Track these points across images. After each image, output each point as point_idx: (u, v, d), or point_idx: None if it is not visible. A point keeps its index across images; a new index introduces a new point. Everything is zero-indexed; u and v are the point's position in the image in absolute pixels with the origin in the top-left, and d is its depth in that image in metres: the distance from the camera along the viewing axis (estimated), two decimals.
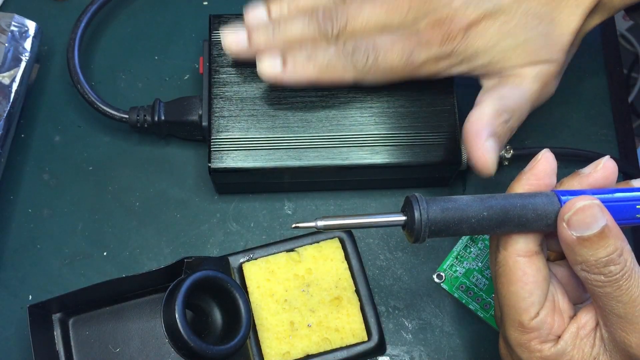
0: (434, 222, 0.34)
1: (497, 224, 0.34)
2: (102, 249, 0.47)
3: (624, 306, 0.33)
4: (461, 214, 0.34)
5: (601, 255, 0.33)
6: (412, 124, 0.45)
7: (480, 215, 0.34)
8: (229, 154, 0.44)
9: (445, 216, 0.34)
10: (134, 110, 0.47)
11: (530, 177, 0.36)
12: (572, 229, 0.33)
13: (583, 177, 0.37)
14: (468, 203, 0.34)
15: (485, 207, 0.34)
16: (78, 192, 0.48)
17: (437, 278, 0.46)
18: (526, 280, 0.35)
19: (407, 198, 0.35)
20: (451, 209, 0.34)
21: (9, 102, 0.46)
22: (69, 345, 0.42)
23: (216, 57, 0.46)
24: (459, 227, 0.34)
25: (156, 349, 0.42)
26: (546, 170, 0.36)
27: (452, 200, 0.35)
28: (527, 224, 0.34)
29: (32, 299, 0.45)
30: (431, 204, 0.34)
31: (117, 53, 0.52)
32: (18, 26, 0.48)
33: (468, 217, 0.34)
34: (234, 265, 0.44)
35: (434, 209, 0.34)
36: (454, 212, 0.34)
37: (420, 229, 0.34)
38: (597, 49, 0.53)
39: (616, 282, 0.33)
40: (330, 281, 0.44)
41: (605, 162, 0.37)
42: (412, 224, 0.34)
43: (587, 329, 0.35)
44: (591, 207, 0.33)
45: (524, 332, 0.36)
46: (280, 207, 0.48)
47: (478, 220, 0.34)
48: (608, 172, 0.36)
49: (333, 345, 0.42)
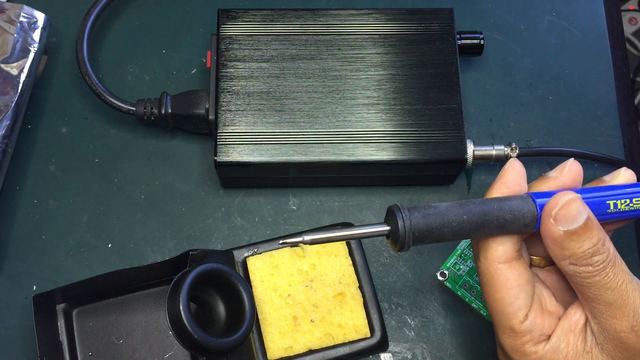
0: (416, 228, 0.35)
1: (477, 226, 0.35)
2: (107, 241, 0.47)
3: (612, 292, 0.34)
4: (442, 219, 0.35)
5: (587, 246, 0.34)
6: (418, 122, 0.45)
7: (460, 219, 0.35)
8: (235, 147, 0.44)
9: (427, 222, 0.35)
10: (141, 103, 0.47)
11: (501, 187, 0.37)
12: (559, 224, 0.35)
13: (550, 180, 0.38)
14: (448, 208, 0.36)
15: (465, 212, 0.35)
16: (84, 183, 0.48)
17: (441, 276, 0.46)
18: (510, 286, 0.36)
19: (389, 208, 0.36)
20: (432, 214, 0.35)
21: (16, 93, 0.47)
22: (72, 335, 0.42)
23: (224, 51, 0.46)
24: (441, 231, 0.35)
25: (159, 341, 0.42)
26: (515, 179, 0.38)
27: (432, 207, 0.36)
28: (505, 225, 0.36)
29: (37, 289, 0.45)
30: (413, 212, 0.35)
31: (125, 46, 0.52)
32: (27, 17, 0.48)
33: (449, 221, 0.35)
34: (238, 259, 0.44)
35: (415, 215, 0.35)
36: (435, 217, 0.35)
37: (404, 236, 0.35)
38: (605, 52, 0.53)
39: (603, 270, 0.34)
40: (334, 277, 0.44)
41: (570, 165, 0.38)
42: (396, 233, 0.35)
43: (579, 325, 0.36)
44: (575, 201, 0.35)
45: (516, 336, 0.36)
46: (285, 202, 0.48)
47: (459, 223, 0.35)
48: (574, 175, 0.38)
49: (336, 340, 0.42)
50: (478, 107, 0.51)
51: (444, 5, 0.49)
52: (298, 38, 0.47)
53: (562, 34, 0.53)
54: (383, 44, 0.47)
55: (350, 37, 0.47)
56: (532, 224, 0.36)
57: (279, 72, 0.46)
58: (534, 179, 0.49)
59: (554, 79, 0.52)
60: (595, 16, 0.54)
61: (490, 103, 0.51)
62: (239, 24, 0.47)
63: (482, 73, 0.52)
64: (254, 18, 0.47)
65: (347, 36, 0.47)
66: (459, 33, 0.49)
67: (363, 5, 0.53)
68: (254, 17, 0.47)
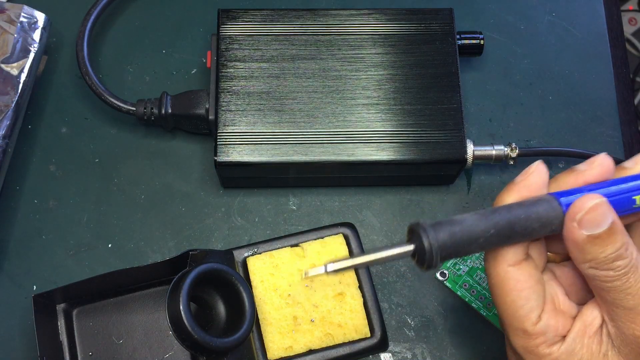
0: (444, 248, 0.33)
1: (505, 239, 0.34)
2: (107, 241, 0.47)
3: (632, 298, 0.33)
4: (469, 235, 0.33)
5: (610, 251, 0.33)
6: (418, 122, 0.45)
7: (487, 233, 0.34)
8: (235, 147, 0.44)
9: (454, 241, 0.33)
10: (141, 103, 0.47)
11: (522, 189, 0.36)
12: (583, 228, 0.33)
13: (579, 175, 0.36)
14: (474, 223, 0.34)
15: (492, 225, 0.34)
16: (84, 183, 0.48)
17: (441, 276, 0.47)
18: (520, 288, 0.35)
19: (411, 227, 0.34)
20: (458, 232, 0.33)
21: (17, 93, 0.47)
22: (72, 335, 0.42)
23: (224, 51, 0.46)
24: (469, 248, 0.34)
25: (159, 341, 0.42)
26: (538, 183, 0.36)
27: (457, 223, 0.34)
28: (532, 233, 0.34)
29: (37, 289, 0.45)
30: (438, 231, 0.33)
31: (125, 46, 0.52)
32: (27, 17, 0.48)
33: (477, 237, 0.33)
34: (238, 259, 0.44)
35: (441, 235, 0.33)
36: (461, 234, 0.33)
37: (431, 257, 0.33)
38: (605, 52, 0.53)
39: (624, 275, 0.33)
40: (334, 277, 0.44)
41: (601, 160, 0.36)
42: (422, 252, 0.33)
43: (594, 327, 0.35)
44: (601, 206, 0.33)
45: (529, 338, 0.35)
46: (285, 202, 0.48)
47: (486, 238, 0.34)
48: (604, 170, 0.36)
49: (336, 340, 0.42)
50: (478, 107, 0.51)
51: (444, 5, 0.49)
52: (298, 38, 0.47)
53: (562, 34, 0.53)
54: (383, 44, 0.47)
55: (350, 37, 0.47)
56: (559, 229, 0.34)
57: (279, 72, 0.46)
58: None
59: (554, 79, 0.52)
60: (595, 16, 0.54)
61: (490, 103, 0.51)
62: (239, 24, 0.47)
63: (482, 73, 0.52)
64: (254, 18, 0.47)
65: (347, 36, 0.47)
66: (459, 33, 0.49)
67: (363, 5, 0.53)
68: (254, 17, 0.47)
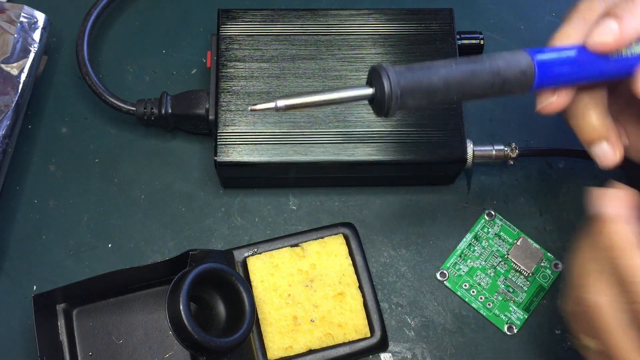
0: (404, 84, 0.32)
1: (469, 74, 0.33)
2: (107, 241, 0.47)
3: None
4: (429, 70, 0.33)
5: None
6: (418, 122, 0.45)
7: (449, 66, 0.33)
8: (235, 147, 0.44)
9: (414, 76, 0.33)
10: (141, 103, 0.47)
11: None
12: None
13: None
14: (434, 62, 0.33)
15: (454, 62, 0.34)
16: (84, 183, 0.48)
17: (441, 276, 0.47)
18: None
19: (373, 68, 0.33)
20: (418, 68, 0.33)
21: (17, 93, 0.47)
22: (72, 335, 0.42)
23: (224, 51, 0.46)
24: (430, 83, 0.33)
25: (159, 341, 0.42)
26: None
27: (421, 67, 0.33)
28: (500, 72, 0.34)
29: (37, 289, 0.45)
30: (398, 70, 0.33)
31: (125, 46, 0.52)
32: (27, 17, 0.48)
33: (437, 69, 0.33)
34: (238, 259, 0.44)
35: (400, 71, 0.33)
36: (421, 70, 0.33)
37: (390, 96, 0.32)
38: None
39: None
40: (334, 277, 0.44)
41: None
42: (381, 95, 0.33)
43: None
44: None
45: None
46: (285, 202, 0.48)
47: (449, 70, 0.33)
48: None
49: (336, 340, 0.42)
50: (478, 107, 0.51)
51: (444, 5, 0.49)
52: (298, 38, 0.47)
53: None
54: (383, 44, 0.47)
55: (350, 37, 0.47)
56: (530, 73, 0.34)
57: (279, 72, 0.46)
58: (534, 179, 0.49)
59: None
60: None
61: (490, 103, 0.51)
62: (239, 24, 0.47)
63: None
64: (254, 18, 0.47)
65: (347, 36, 0.47)
66: (459, 33, 0.49)
67: (363, 5, 0.53)
68: (254, 17, 0.47)
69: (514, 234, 0.47)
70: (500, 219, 0.48)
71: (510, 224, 0.48)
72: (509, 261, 0.47)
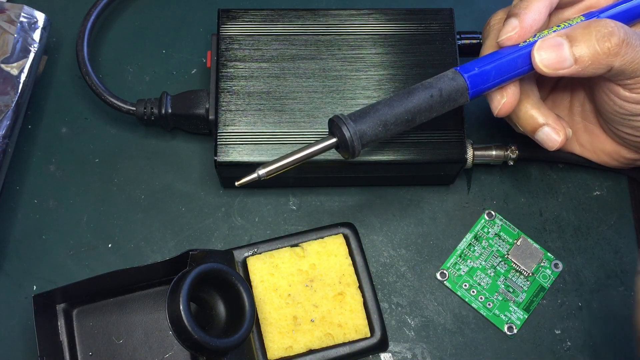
0: (363, 135, 0.38)
1: (407, 99, 0.39)
2: (107, 241, 0.47)
3: None
4: (383, 120, 0.39)
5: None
6: None
7: (391, 97, 0.39)
8: (235, 147, 0.44)
9: (369, 123, 0.38)
10: (141, 103, 0.47)
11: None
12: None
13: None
14: (381, 102, 0.39)
15: (395, 95, 0.39)
16: (84, 183, 0.48)
17: (441, 276, 0.47)
18: None
19: (331, 120, 0.39)
20: (370, 113, 0.39)
21: (17, 93, 0.47)
22: (72, 335, 0.42)
23: (224, 51, 0.46)
24: (385, 123, 0.39)
25: (159, 341, 0.42)
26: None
27: (368, 107, 0.39)
28: (432, 85, 0.39)
29: (37, 289, 0.45)
30: (356, 120, 0.38)
31: (125, 46, 0.52)
32: (27, 17, 0.48)
33: (385, 112, 0.39)
34: (238, 259, 0.44)
35: (357, 119, 0.38)
36: (376, 120, 0.38)
37: (352, 143, 0.38)
38: None
39: None
40: (333, 277, 0.44)
41: None
42: (344, 142, 0.38)
43: None
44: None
45: None
46: (285, 202, 0.48)
47: (393, 108, 0.39)
48: None
49: (336, 340, 0.42)
50: (478, 107, 0.51)
51: (444, 5, 0.49)
52: (298, 38, 0.47)
53: None
54: (383, 44, 0.47)
55: (350, 37, 0.47)
56: (458, 77, 0.39)
57: (279, 72, 0.46)
58: (534, 180, 0.49)
59: None
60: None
61: None
62: (239, 24, 0.47)
63: None
64: (254, 18, 0.47)
65: (347, 36, 0.47)
66: (459, 33, 0.49)
67: (363, 5, 0.53)
68: (254, 17, 0.47)
69: (514, 234, 0.47)
70: (500, 219, 0.48)
71: (510, 224, 0.48)
72: (509, 261, 0.47)
